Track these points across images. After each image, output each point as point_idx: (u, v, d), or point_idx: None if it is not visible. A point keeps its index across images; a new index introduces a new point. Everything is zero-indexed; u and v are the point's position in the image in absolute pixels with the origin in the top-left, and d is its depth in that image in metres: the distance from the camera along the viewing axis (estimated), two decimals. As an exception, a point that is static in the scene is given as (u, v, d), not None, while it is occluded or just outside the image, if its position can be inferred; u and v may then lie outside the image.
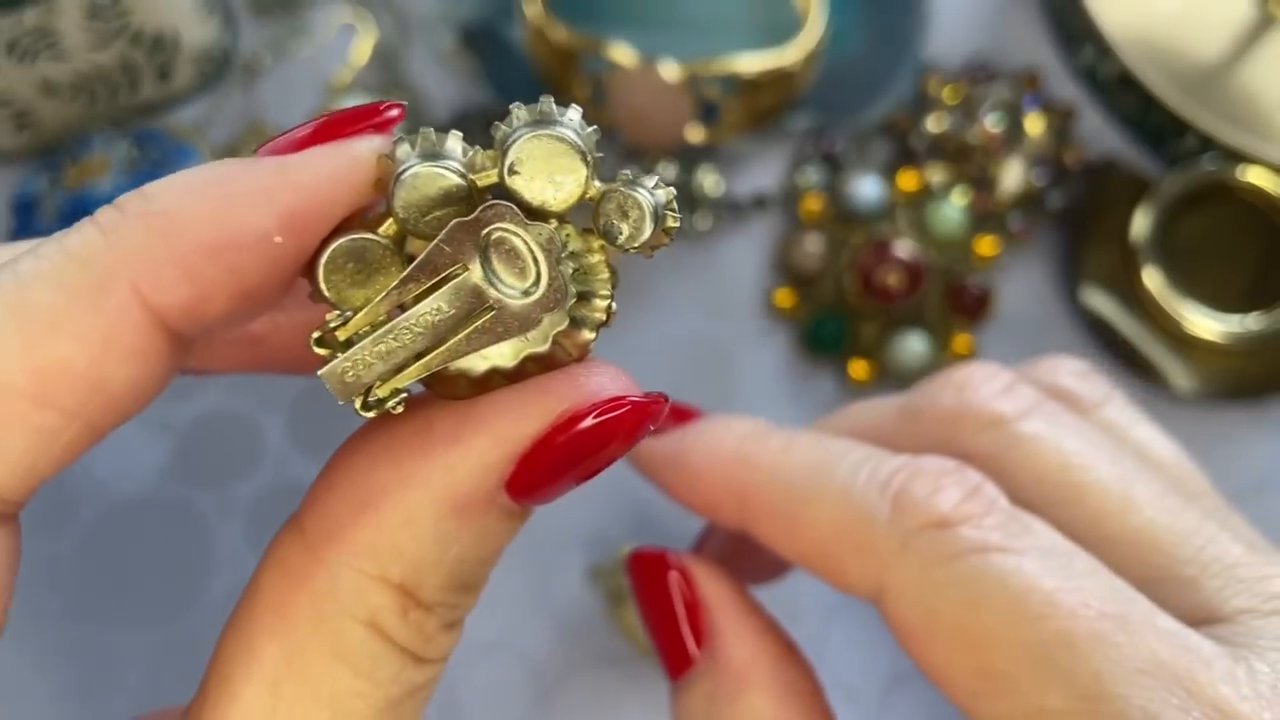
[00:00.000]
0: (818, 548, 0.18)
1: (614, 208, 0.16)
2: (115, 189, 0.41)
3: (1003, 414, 0.21)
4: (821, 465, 0.19)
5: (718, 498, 0.20)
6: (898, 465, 0.19)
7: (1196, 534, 0.20)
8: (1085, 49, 0.44)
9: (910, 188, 0.41)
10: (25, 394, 0.14)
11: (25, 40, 0.38)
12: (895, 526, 0.17)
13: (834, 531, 0.18)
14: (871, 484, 0.18)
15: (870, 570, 0.18)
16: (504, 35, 0.45)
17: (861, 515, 0.18)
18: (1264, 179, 0.41)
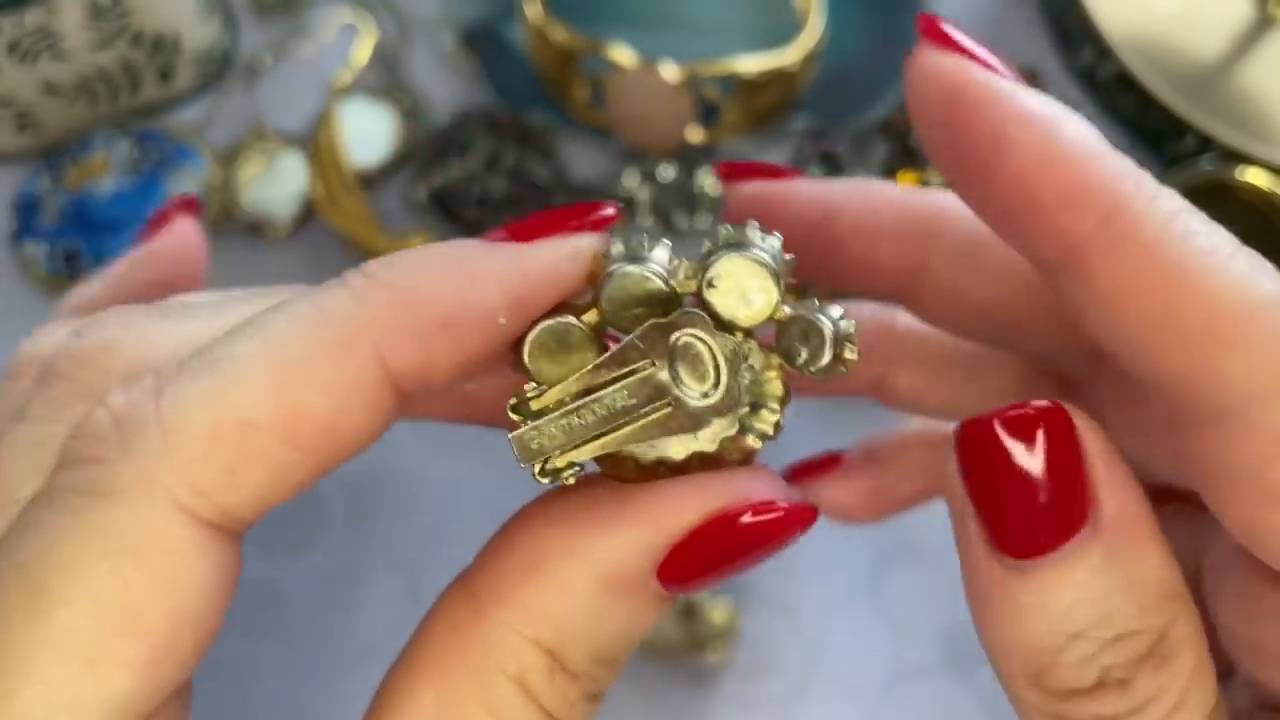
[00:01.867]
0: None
1: (797, 331, 0.18)
2: (116, 189, 0.41)
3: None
4: None
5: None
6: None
7: None
8: (1084, 50, 0.44)
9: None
10: (273, 432, 0.16)
11: (27, 41, 0.39)
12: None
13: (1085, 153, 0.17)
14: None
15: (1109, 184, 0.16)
16: (504, 36, 0.45)
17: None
18: (1262, 179, 0.41)
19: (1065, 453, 0.15)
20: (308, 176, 0.42)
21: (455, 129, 0.43)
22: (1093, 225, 0.16)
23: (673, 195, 0.42)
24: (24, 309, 0.41)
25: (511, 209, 0.42)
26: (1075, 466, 0.15)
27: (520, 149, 0.43)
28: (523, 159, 0.42)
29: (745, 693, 0.37)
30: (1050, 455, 0.15)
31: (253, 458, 0.16)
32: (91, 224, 0.41)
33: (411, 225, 0.42)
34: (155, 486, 0.15)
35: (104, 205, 0.41)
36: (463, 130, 0.43)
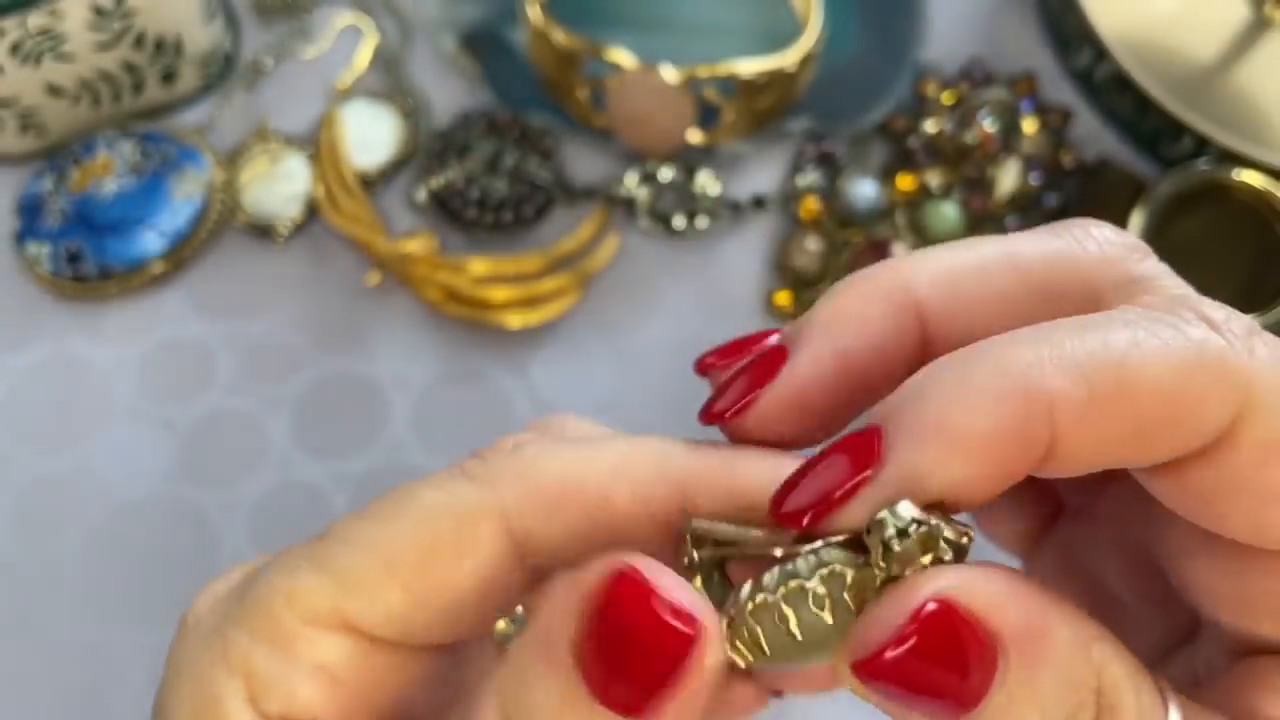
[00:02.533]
0: (1164, 403, 0.15)
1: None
2: (120, 191, 0.42)
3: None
4: (1098, 329, 0.16)
5: (1022, 432, 0.15)
6: (1168, 298, 0.17)
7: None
8: (1081, 52, 0.44)
9: (908, 189, 0.42)
10: (593, 498, 0.20)
11: (30, 42, 0.39)
12: (1239, 344, 0.16)
13: (1178, 371, 0.15)
14: (1176, 321, 0.16)
15: (1233, 391, 0.15)
16: (505, 39, 0.45)
17: (1198, 345, 0.16)
18: (1259, 181, 0.41)
19: (955, 631, 0.16)
20: (310, 178, 0.43)
21: (456, 130, 0.43)
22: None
23: (672, 197, 0.43)
24: (28, 309, 0.41)
25: (511, 210, 0.42)
26: (973, 641, 0.16)
27: (520, 150, 0.43)
28: (523, 160, 0.43)
29: None
30: (944, 644, 0.16)
31: (564, 511, 0.19)
32: (94, 225, 0.41)
33: (413, 226, 0.42)
34: (498, 488, 0.19)
35: (107, 206, 0.41)
36: (463, 132, 0.43)
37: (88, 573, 0.38)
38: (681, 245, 0.43)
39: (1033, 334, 0.16)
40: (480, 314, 0.40)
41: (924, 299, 0.19)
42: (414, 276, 0.41)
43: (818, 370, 0.19)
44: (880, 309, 0.19)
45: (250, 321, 0.41)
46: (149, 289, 0.41)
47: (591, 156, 0.44)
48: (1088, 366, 0.15)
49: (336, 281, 0.42)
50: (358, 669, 0.20)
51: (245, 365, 0.41)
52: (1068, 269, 0.19)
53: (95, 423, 0.40)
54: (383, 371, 0.41)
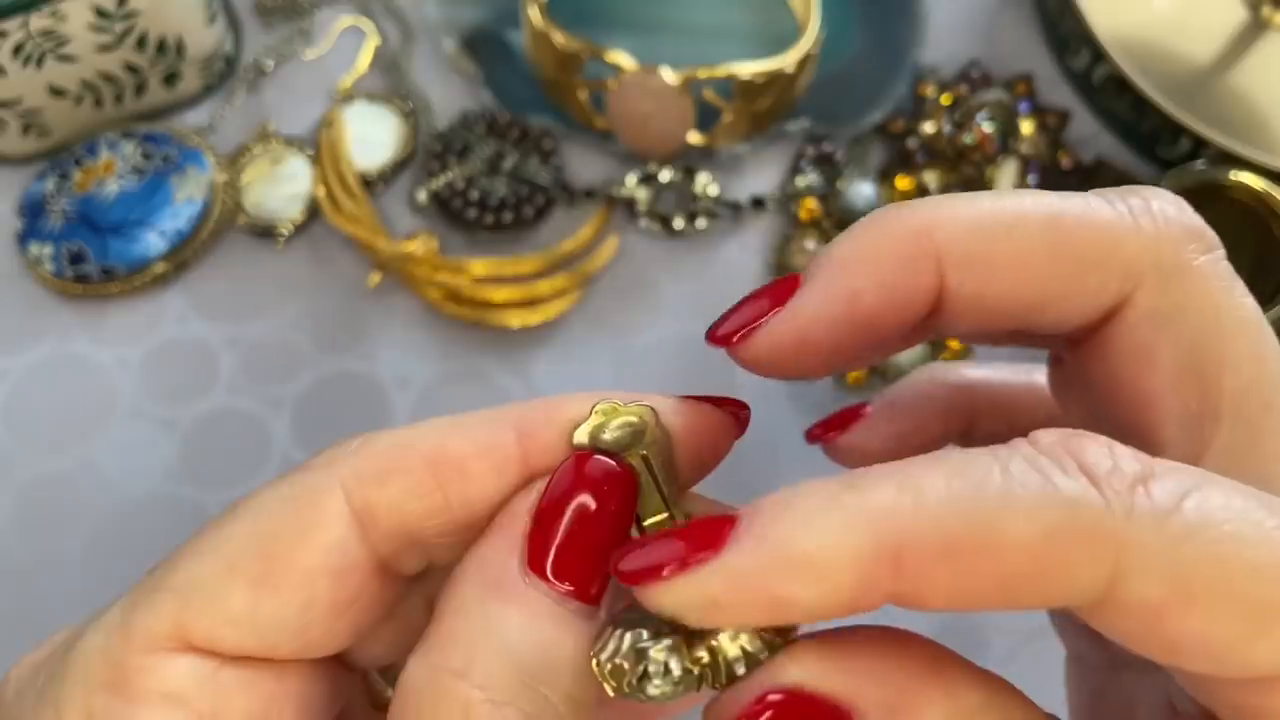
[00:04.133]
0: (1029, 563, 0.15)
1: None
2: (122, 192, 0.42)
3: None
4: (969, 476, 0.16)
5: (862, 571, 0.15)
6: (1050, 443, 0.16)
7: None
8: (1079, 54, 0.44)
9: (906, 190, 0.42)
10: (423, 466, 0.20)
11: (32, 44, 0.39)
12: (1115, 503, 0.15)
13: (1044, 534, 0.15)
14: (1051, 473, 0.16)
15: (1103, 556, 0.15)
16: (505, 40, 0.45)
17: (1069, 505, 0.15)
18: (1256, 182, 0.41)
19: (806, 713, 0.16)
20: (311, 179, 0.43)
21: (456, 131, 0.43)
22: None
23: (672, 197, 0.43)
24: (30, 310, 0.41)
25: (512, 211, 0.42)
26: (822, 713, 0.16)
27: (521, 152, 0.43)
28: (523, 161, 0.43)
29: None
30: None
31: (401, 469, 0.19)
32: (97, 226, 0.41)
33: (413, 227, 0.43)
34: (336, 467, 0.19)
35: (109, 207, 0.41)
36: (463, 133, 0.43)
37: (90, 572, 0.38)
38: (681, 246, 0.43)
39: (899, 475, 0.15)
40: (480, 314, 0.41)
41: (945, 248, 0.18)
42: (415, 277, 0.41)
43: (827, 306, 0.19)
44: (897, 252, 0.18)
45: (252, 322, 0.41)
46: (151, 289, 0.42)
47: (591, 158, 0.44)
48: (947, 520, 0.15)
49: (337, 282, 0.42)
50: (211, 693, 0.19)
51: (247, 365, 0.41)
52: (1111, 246, 0.18)
53: (97, 423, 0.40)
54: (383, 371, 0.41)
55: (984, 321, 0.18)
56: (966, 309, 0.18)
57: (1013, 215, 0.18)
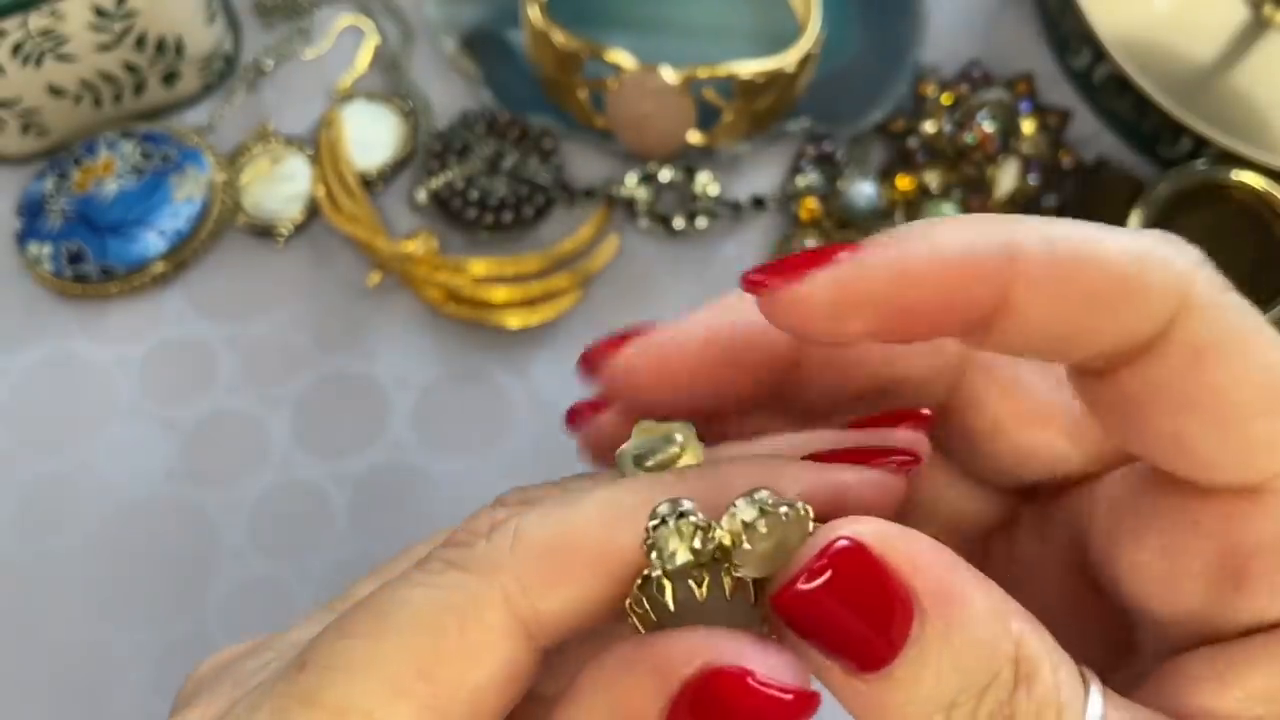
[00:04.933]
0: (1117, 280, 0.16)
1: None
2: (121, 191, 0.42)
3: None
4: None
5: (978, 270, 0.16)
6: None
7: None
8: (1080, 53, 0.44)
9: (907, 190, 0.42)
10: (591, 558, 0.18)
11: (31, 43, 0.39)
12: (1192, 259, 0.17)
13: (1135, 255, 0.16)
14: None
15: (1175, 289, 0.16)
16: (505, 40, 0.45)
17: (1148, 242, 0.17)
18: (1257, 181, 0.41)
19: (870, 576, 0.16)
20: (310, 178, 0.43)
21: (456, 131, 0.43)
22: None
23: (672, 197, 0.43)
24: (29, 310, 0.41)
25: (511, 211, 0.42)
26: (884, 587, 0.16)
27: (520, 151, 0.43)
28: (523, 161, 0.43)
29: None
30: (855, 584, 0.16)
31: (571, 575, 0.18)
32: (96, 225, 0.41)
33: (413, 226, 0.43)
34: (496, 573, 0.18)
35: (108, 207, 0.41)
36: (463, 132, 0.43)
37: (89, 571, 0.38)
38: (681, 245, 0.43)
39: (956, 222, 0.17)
40: (480, 314, 0.41)
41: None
42: (414, 277, 0.41)
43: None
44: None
45: (251, 321, 0.41)
46: (150, 289, 0.41)
47: (591, 157, 0.44)
48: (1054, 237, 0.17)
49: (337, 282, 0.42)
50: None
51: (246, 365, 0.41)
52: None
53: (96, 422, 0.40)
54: (383, 371, 0.41)
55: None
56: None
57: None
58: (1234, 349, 0.16)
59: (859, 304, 0.17)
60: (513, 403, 0.40)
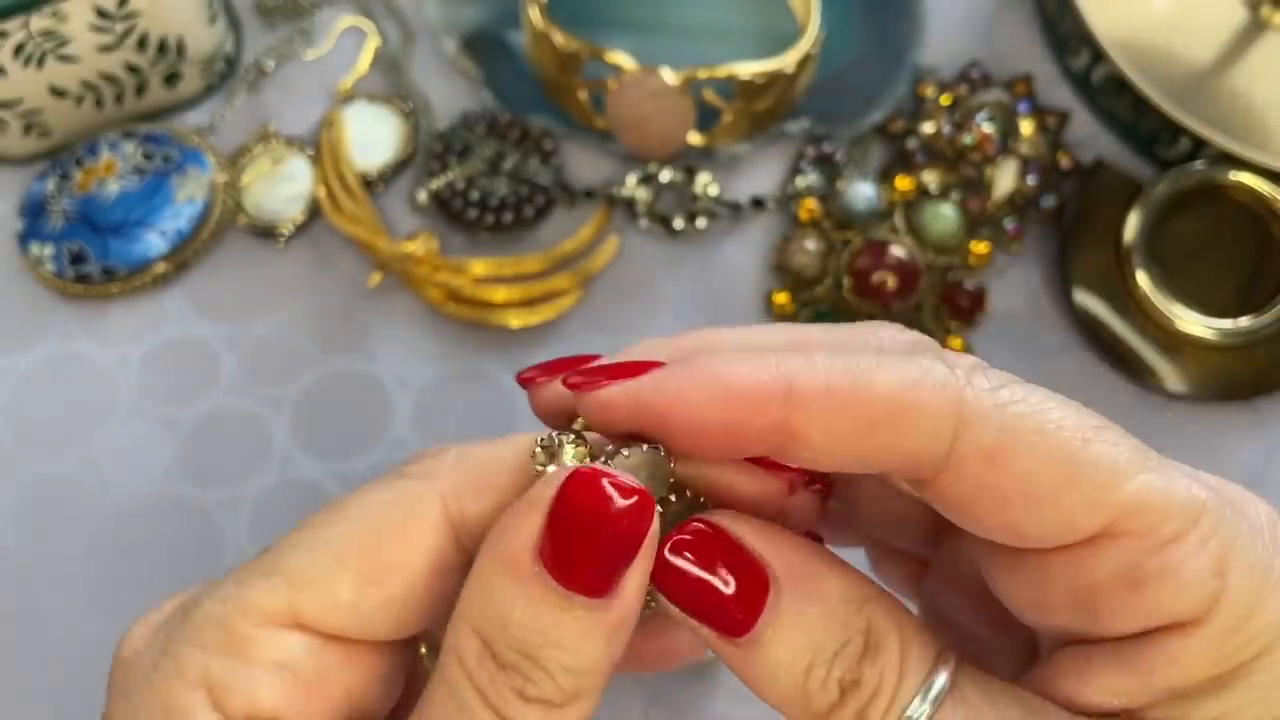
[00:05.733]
0: (887, 408, 0.19)
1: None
2: (123, 192, 0.42)
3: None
4: (850, 351, 0.20)
5: (757, 400, 0.19)
6: (908, 341, 0.22)
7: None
8: (1078, 54, 0.44)
9: (906, 190, 0.42)
10: (514, 478, 0.23)
11: (33, 44, 0.39)
12: (960, 374, 0.19)
13: (902, 384, 0.19)
14: (912, 354, 0.20)
15: (948, 408, 0.19)
16: (506, 41, 0.45)
17: (925, 369, 0.19)
18: (1255, 182, 0.41)
19: (724, 551, 0.20)
20: (311, 179, 0.43)
21: (456, 132, 0.43)
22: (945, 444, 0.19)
23: (672, 198, 0.43)
24: (31, 310, 0.42)
25: (512, 211, 0.42)
26: (741, 560, 0.20)
27: (521, 152, 0.43)
28: (523, 162, 0.43)
29: (743, 686, 0.37)
30: (716, 559, 0.20)
31: (493, 485, 0.22)
32: (97, 226, 0.41)
33: (414, 227, 0.43)
34: (436, 480, 0.22)
35: (110, 207, 0.41)
36: (464, 133, 0.43)
37: (90, 570, 0.38)
38: (681, 246, 0.43)
39: (796, 344, 0.21)
40: (481, 314, 0.41)
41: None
42: (415, 277, 0.41)
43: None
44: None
45: (252, 322, 0.41)
46: (152, 289, 0.42)
47: (592, 158, 0.44)
48: (828, 372, 0.19)
49: (338, 282, 0.42)
50: (315, 665, 0.21)
51: (247, 365, 0.41)
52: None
53: (98, 422, 0.40)
54: (384, 371, 0.41)
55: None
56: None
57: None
58: (1020, 440, 0.19)
59: (652, 420, 0.20)
60: (513, 403, 0.41)
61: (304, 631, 0.21)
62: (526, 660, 0.19)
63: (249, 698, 0.21)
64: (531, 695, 0.19)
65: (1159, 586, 0.18)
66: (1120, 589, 0.19)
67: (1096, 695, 0.20)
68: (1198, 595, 0.18)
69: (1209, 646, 0.19)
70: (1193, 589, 0.18)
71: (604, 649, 0.20)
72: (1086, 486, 0.19)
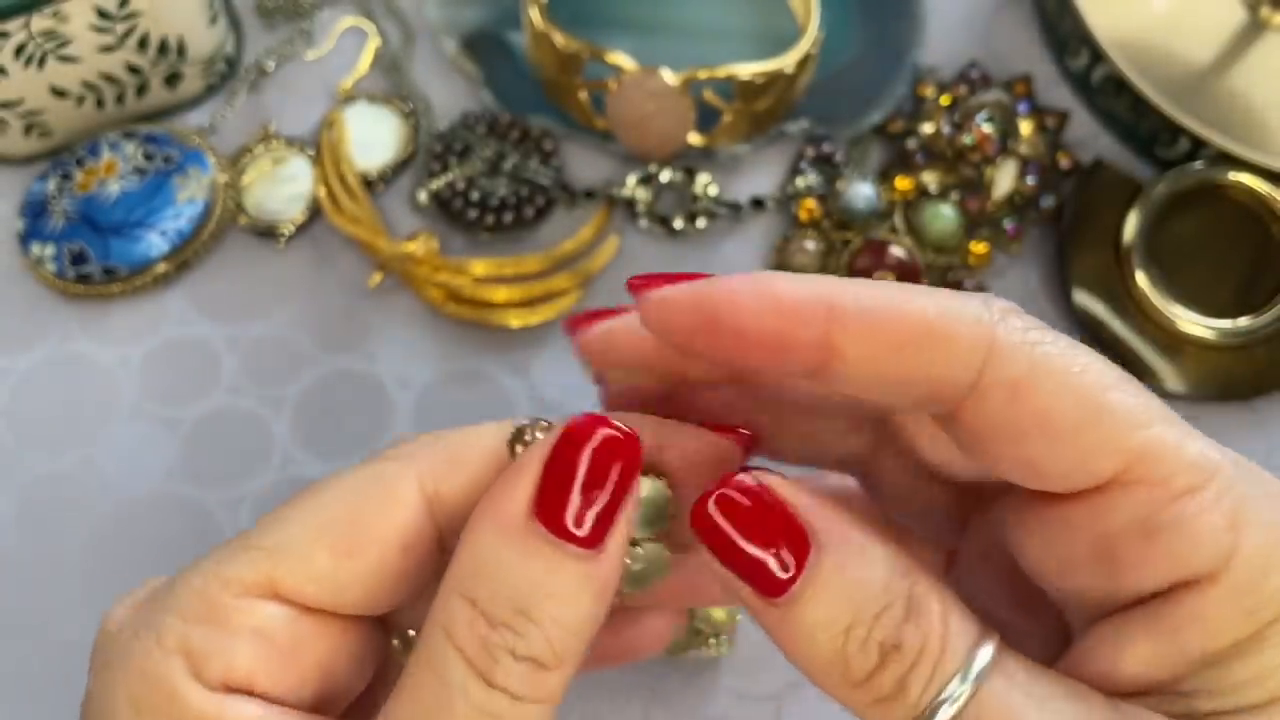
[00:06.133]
0: (922, 330, 0.20)
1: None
2: (124, 192, 0.42)
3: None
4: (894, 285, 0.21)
5: (802, 312, 0.20)
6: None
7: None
8: (1078, 54, 0.44)
9: (905, 191, 0.42)
10: (491, 462, 0.23)
11: (34, 44, 0.39)
12: (994, 311, 0.20)
13: (939, 310, 0.20)
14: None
15: (979, 339, 0.19)
16: (506, 41, 0.45)
17: (961, 301, 0.20)
18: (1254, 182, 0.41)
19: (774, 513, 0.20)
20: (312, 179, 0.43)
21: (457, 132, 0.44)
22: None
23: (672, 198, 0.43)
24: (32, 310, 0.42)
25: (512, 211, 0.42)
26: (785, 519, 0.20)
27: (521, 152, 0.43)
28: (524, 162, 0.43)
29: (743, 686, 0.37)
30: (764, 521, 0.20)
31: (467, 466, 0.23)
32: (98, 226, 0.41)
33: (414, 227, 0.43)
34: (413, 460, 0.23)
35: (111, 208, 0.42)
36: (464, 133, 0.43)
37: (91, 570, 0.38)
38: (681, 246, 0.43)
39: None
40: (481, 314, 0.41)
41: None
42: (415, 277, 0.41)
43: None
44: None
45: (253, 322, 0.41)
46: (152, 289, 0.42)
47: (592, 158, 0.44)
48: (868, 294, 0.20)
49: (338, 282, 0.42)
50: (291, 634, 0.22)
51: (248, 365, 0.41)
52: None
53: (99, 422, 0.40)
54: (384, 371, 0.41)
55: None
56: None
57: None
58: (1044, 377, 0.19)
59: (705, 323, 0.21)
60: (513, 403, 0.41)
61: (281, 602, 0.22)
62: (519, 615, 0.20)
63: (226, 663, 0.21)
64: (522, 653, 0.20)
65: (1173, 537, 0.19)
66: (1136, 539, 0.19)
67: (1130, 667, 0.19)
68: (1212, 549, 0.19)
69: (1229, 602, 0.19)
70: (1206, 542, 0.19)
71: (591, 606, 0.20)
72: (1104, 429, 0.19)
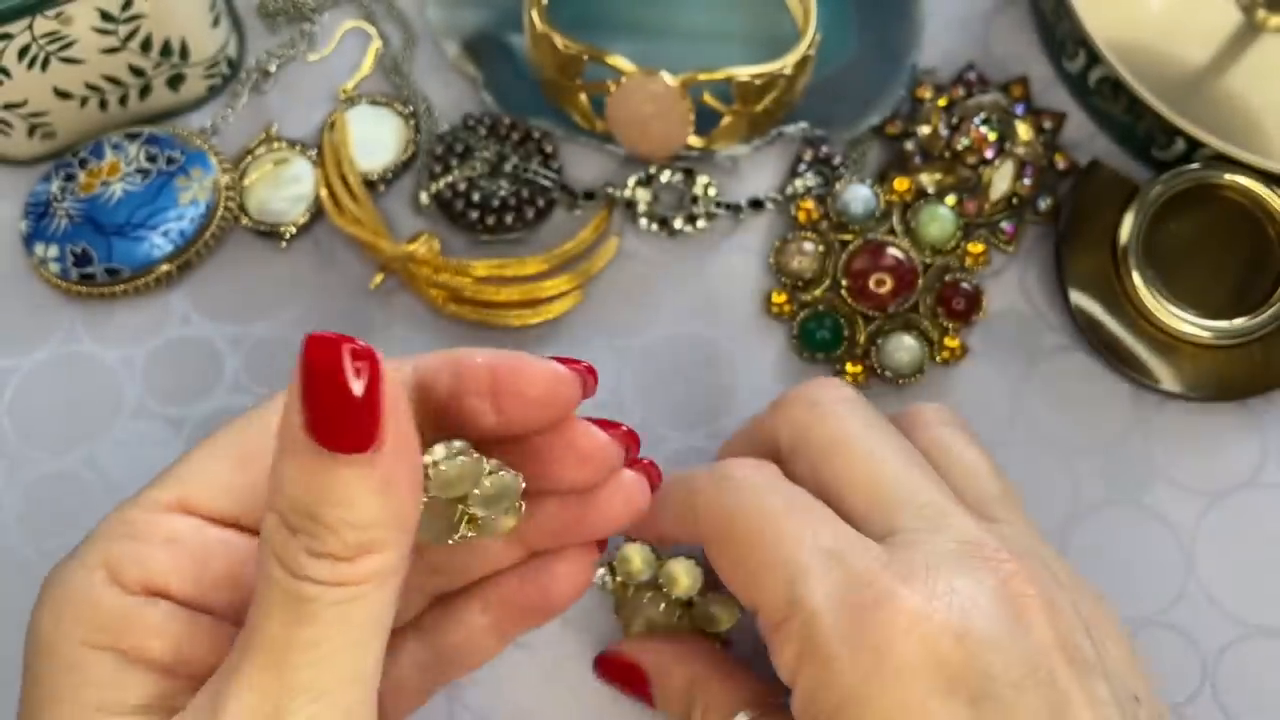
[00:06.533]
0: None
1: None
2: (127, 193, 0.42)
3: (818, 398, 0.33)
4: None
5: (680, 522, 0.31)
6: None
7: (918, 490, 0.29)
8: (1074, 56, 0.45)
9: (903, 192, 0.42)
10: None
11: (37, 46, 0.39)
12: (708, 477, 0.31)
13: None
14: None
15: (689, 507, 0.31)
16: (506, 44, 0.45)
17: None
18: (1250, 183, 0.41)
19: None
20: (314, 180, 0.43)
21: (458, 134, 0.44)
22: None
23: (672, 199, 0.43)
24: (35, 310, 0.42)
25: (513, 212, 0.43)
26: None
27: (522, 154, 0.43)
28: (524, 163, 0.43)
29: (743, 685, 0.37)
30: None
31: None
32: (101, 227, 0.42)
33: (416, 228, 0.43)
34: None
35: (114, 209, 0.42)
36: (465, 135, 0.44)
37: (95, 570, 0.39)
38: (681, 247, 0.43)
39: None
40: (482, 315, 0.41)
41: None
42: (417, 277, 0.41)
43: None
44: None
45: (255, 322, 0.42)
46: (155, 290, 0.42)
47: (592, 160, 0.44)
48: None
49: (340, 283, 0.42)
50: (201, 541, 0.26)
51: (250, 365, 0.41)
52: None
53: (102, 422, 0.40)
54: (386, 371, 0.41)
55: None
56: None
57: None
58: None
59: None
60: (514, 402, 0.41)
61: (193, 516, 0.25)
62: (310, 520, 0.22)
63: (143, 569, 0.25)
64: (318, 550, 0.22)
65: (774, 656, 0.28)
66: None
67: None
68: (786, 673, 0.28)
69: (798, 706, 0.27)
70: (784, 666, 0.28)
71: (377, 501, 0.22)
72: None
